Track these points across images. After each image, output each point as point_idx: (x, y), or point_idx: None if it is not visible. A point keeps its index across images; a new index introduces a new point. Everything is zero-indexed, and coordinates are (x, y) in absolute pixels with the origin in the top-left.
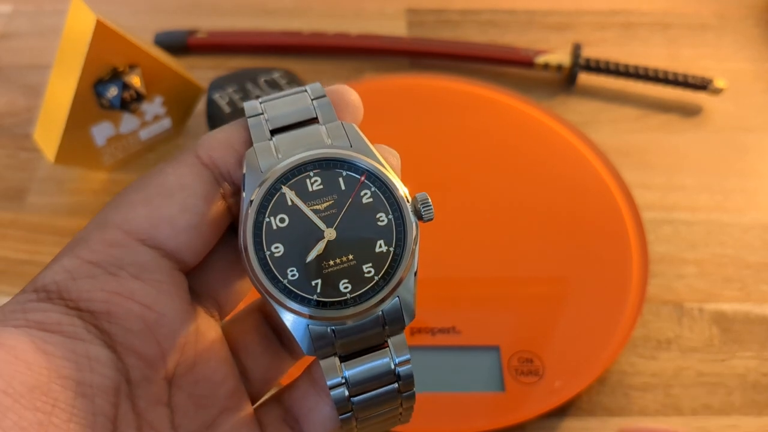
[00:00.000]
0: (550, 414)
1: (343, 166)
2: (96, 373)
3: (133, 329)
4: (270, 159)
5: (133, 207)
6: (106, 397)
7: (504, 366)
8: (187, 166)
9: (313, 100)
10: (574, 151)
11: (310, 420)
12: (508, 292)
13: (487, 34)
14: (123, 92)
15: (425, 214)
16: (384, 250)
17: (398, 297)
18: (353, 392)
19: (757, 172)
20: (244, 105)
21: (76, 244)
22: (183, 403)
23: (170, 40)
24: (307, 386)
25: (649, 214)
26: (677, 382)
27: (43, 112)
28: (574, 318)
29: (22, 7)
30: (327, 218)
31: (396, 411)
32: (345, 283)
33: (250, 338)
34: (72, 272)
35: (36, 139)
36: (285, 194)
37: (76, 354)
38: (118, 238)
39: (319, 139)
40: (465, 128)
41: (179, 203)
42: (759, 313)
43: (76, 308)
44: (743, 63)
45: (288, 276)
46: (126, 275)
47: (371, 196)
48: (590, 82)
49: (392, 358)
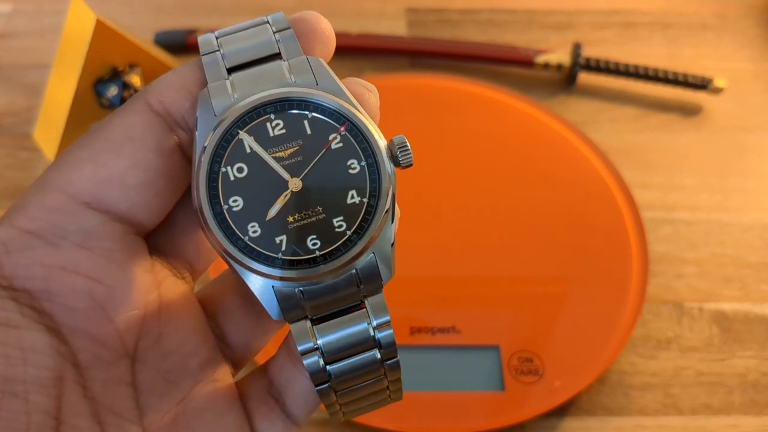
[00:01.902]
0: (550, 414)
1: (308, 107)
2: (31, 366)
3: (78, 307)
4: (225, 100)
5: (76, 166)
6: (45, 390)
7: (504, 365)
8: (136, 114)
9: (275, 32)
10: (574, 150)
11: (289, 393)
12: (508, 291)
13: (487, 34)
14: (123, 91)
15: (403, 160)
16: (356, 201)
17: (374, 253)
18: (328, 360)
19: (757, 172)
20: (198, 39)
21: (13, 210)
22: (149, 379)
23: (170, 39)
24: (284, 356)
25: (649, 214)
26: (677, 381)
27: (43, 111)
28: (574, 318)
29: (22, 6)
30: (291, 167)
31: (381, 384)
32: (313, 239)
33: (230, 300)
34: (6, 244)
35: (36, 138)
36: (243, 140)
37: (5, 346)
38: (59, 202)
39: (281, 77)
40: (465, 128)
41: (128, 158)
42: (759, 313)
43: (9, 287)
44: (743, 63)
45: (249, 232)
46: (69, 245)
47: (341, 141)
48: (590, 81)
49: (370, 322)
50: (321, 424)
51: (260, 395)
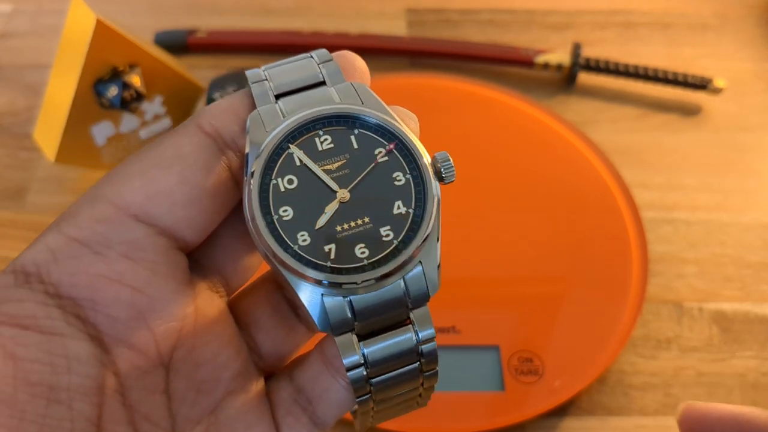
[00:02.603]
0: (549, 413)
1: (355, 123)
2: (75, 374)
3: (121, 317)
4: (275, 119)
5: (127, 180)
6: (87, 398)
7: (504, 365)
8: (187, 135)
9: (319, 64)
10: (574, 150)
11: (323, 402)
12: (508, 291)
13: (487, 34)
14: (123, 92)
15: (446, 175)
16: (402, 212)
17: (421, 264)
18: (372, 373)
19: (757, 171)
20: (246, 73)
21: (63, 219)
22: (182, 389)
23: (170, 39)
24: (319, 366)
25: (648, 214)
26: (677, 381)
27: (43, 111)
28: (573, 318)
29: (22, 6)
30: (339, 179)
31: (416, 392)
32: (361, 248)
33: (261, 311)
34: (55, 252)
35: (36, 138)
36: (293, 153)
37: (51, 354)
38: (108, 213)
39: (328, 99)
40: (465, 128)
41: (177, 175)
42: (759, 313)
43: (56, 294)
44: (743, 63)
45: (299, 241)
46: (115, 255)
47: (386, 155)
48: (590, 81)
49: (416, 335)
50: None
51: (287, 405)
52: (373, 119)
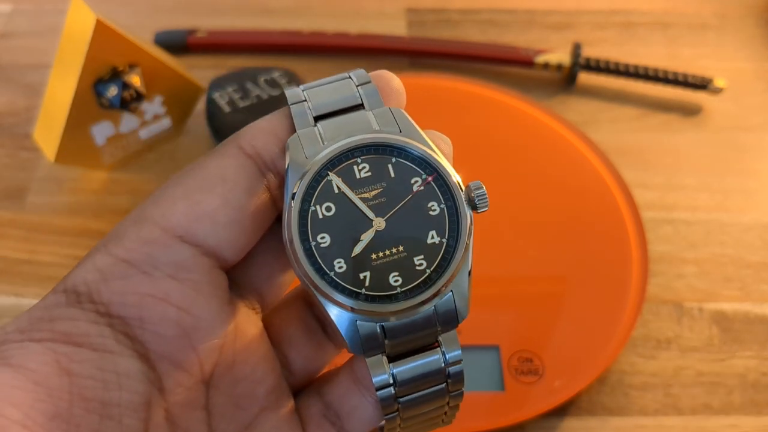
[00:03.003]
0: (550, 413)
1: (393, 152)
2: (125, 390)
3: (167, 335)
4: (315, 145)
5: (172, 202)
6: (136, 414)
7: (504, 365)
8: (229, 157)
9: (357, 86)
10: (574, 150)
11: (352, 419)
12: (507, 291)
13: (487, 34)
14: (123, 92)
15: (480, 204)
16: (436, 242)
17: (452, 292)
18: (400, 392)
19: (757, 172)
20: (285, 92)
21: (110, 239)
22: (221, 404)
23: (170, 39)
24: (349, 383)
25: (648, 214)
26: (677, 381)
27: (42, 111)
28: (574, 317)
29: (22, 6)
30: (376, 207)
31: (441, 410)
32: (395, 276)
33: (293, 328)
34: (104, 272)
35: (36, 138)
36: (331, 181)
37: (103, 371)
38: (155, 234)
39: (366, 125)
40: (465, 128)
41: (220, 197)
42: (759, 313)
43: (106, 314)
44: (743, 63)
45: (335, 268)
46: (161, 275)
47: (422, 184)
48: (590, 81)
49: (444, 357)
50: None
51: (317, 420)
52: (415, 151)
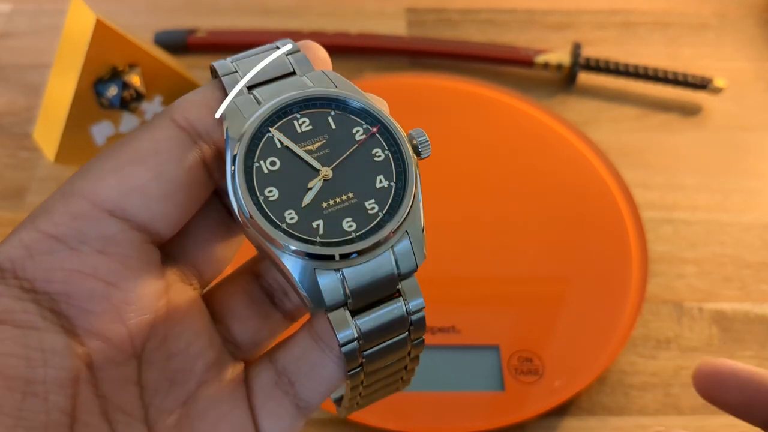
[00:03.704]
0: (549, 413)
1: (331, 105)
2: (50, 367)
3: (95, 310)
4: (252, 107)
5: (101, 175)
6: (62, 390)
7: (504, 365)
8: (162, 129)
9: (287, 55)
10: (574, 150)
11: (310, 380)
12: (507, 291)
13: (487, 34)
14: (123, 91)
15: (423, 150)
16: (385, 185)
17: (408, 235)
18: (364, 346)
19: (757, 172)
20: (213, 65)
21: (38, 214)
22: (154, 379)
23: (170, 39)
24: (307, 342)
25: (648, 214)
26: (677, 381)
27: (42, 111)
28: (573, 317)
29: (22, 6)
30: (321, 158)
31: (402, 363)
32: (349, 222)
33: (237, 301)
34: (30, 248)
35: (36, 138)
36: (273, 137)
37: (27, 348)
38: (83, 209)
39: (302, 86)
40: (465, 128)
41: (152, 170)
42: (759, 313)
43: (31, 290)
44: (743, 62)
45: (287, 219)
46: (89, 250)
47: (363, 133)
48: (590, 81)
49: (406, 305)
50: (321, 424)
51: (267, 389)
52: (354, 102)
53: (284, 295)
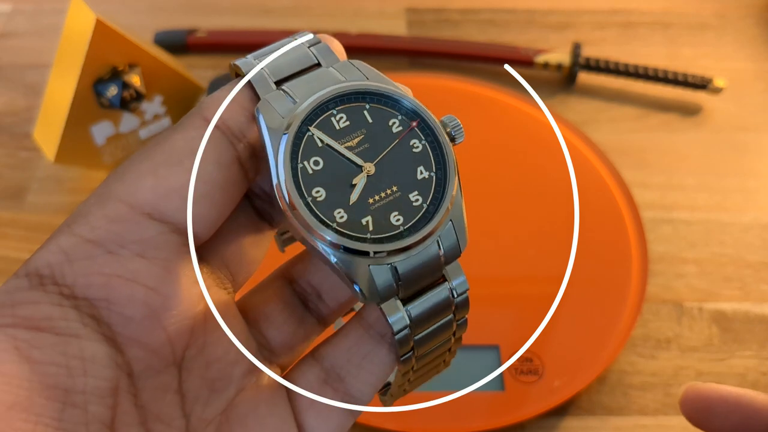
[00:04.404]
0: (549, 413)
1: (365, 98)
2: (90, 377)
3: (135, 317)
4: (286, 104)
5: (138, 177)
6: (102, 400)
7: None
8: (196, 129)
9: (309, 47)
10: (573, 150)
11: (363, 369)
12: (508, 291)
13: (487, 34)
14: (123, 91)
15: (456, 135)
16: (426, 176)
17: (451, 221)
18: (415, 331)
19: (757, 171)
20: (236, 63)
21: (75, 219)
22: (195, 388)
23: (170, 39)
24: (359, 334)
25: (648, 214)
26: (677, 381)
27: (42, 111)
28: (573, 317)
29: (22, 6)
30: (361, 153)
31: (447, 345)
32: (396, 215)
33: (272, 307)
34: (68, 253)
35: (36, 138)
36: (313, 136)
37: (67, 356)
38: (121, 212)
39: (333, 78)
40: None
41: (188, 171)
42: (758, 313)
43: (71, 296)
44: (743, 62)
45: (336, 219)
46: (128, 254)
47: (400, 124)
48: (590, 81)
49: (451, 288)
50: None
51: (315, 389)
52: (388, 93)
53: (318, 299)
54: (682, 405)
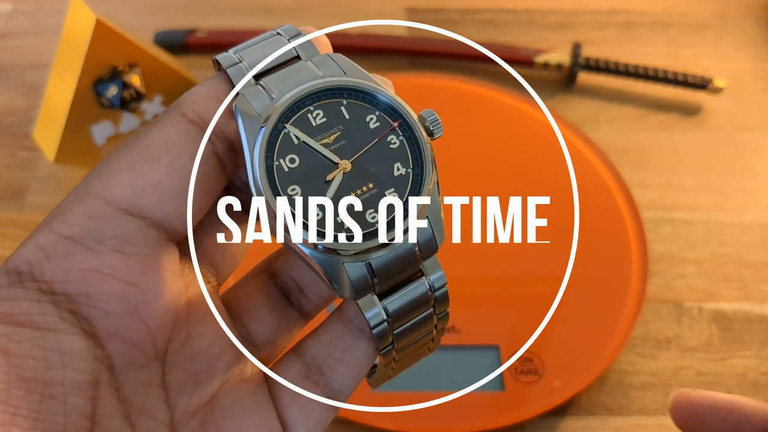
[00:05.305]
0: (549, 413)
1: (342, 94)
2: (69, 369)
3: (115, 311)
4: (263, 100)
5: (115, 174)
6: (81, 392)
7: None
8: (173, 124)
9: (289, 39)
10: (573, 150)
11: (343, 363)
12: (507, 291)
13: (487, 34)
14: (123, 91)
15: (435, 130)
16: (403, 173)
17: (428, 218)
18: (393, 325)
19: (757, 171)
20: (216, 58)
21: (53, 217)
22: (178, 381)
23: (170, 39)
24: (338, 329)
25: (648, 214)
26: (677, 381)
27: (42, 111)
28: (573, 317)
29: (22, 6)
30: (338, 150)
31: (430, 336)
32: (371, 213)
33: (255, 300)
34: (46, 250)
35: (36, 138)
36: (289, 133)
37: (45, 350)
38: (98, 208)
39: (310, 73)
40: (465, 128)
41: (165, 166)
42: (758, 313)
43: (50, 291)
44: (743, 62)
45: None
46: (106, 250)
47: (377, 120)
48: (590, 81)
49: (429, 283)
50: None
51: (297, 383)
52: (364, 89)
53: (300, 293)
54: (672, 412)
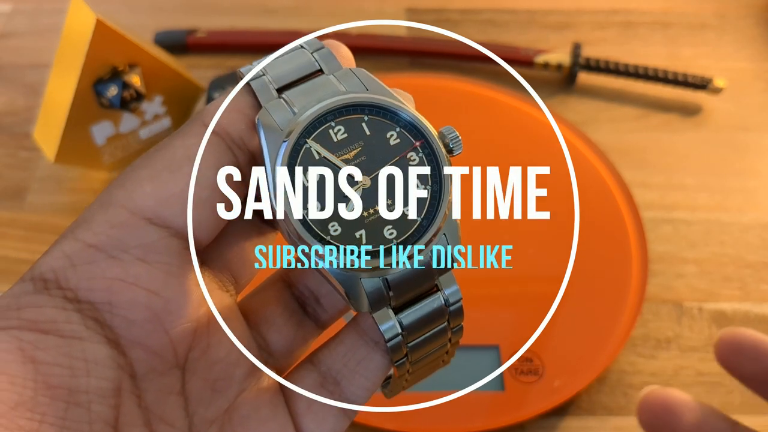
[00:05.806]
0: (549, 413)
1: (364, 110)
2: (93, 377)
3: (138, 320)
4: (286, 115)
5: (138, 183)
6: (105, 400)
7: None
8: (196, 135)
9: (312, 53)
10: (573, 150)
11: (358, 374)
12: (507, 291)
13: (487, 34)
14: (123, 91)
15: (455, 147)
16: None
17: (445, 236)
18: (408, 338)
19: (757, 171)
20: (240, 70)
21: (78, 225)
22: (198, 389)
23: (170, 39)
24: (354, 339)
25: (648, 214)
26: (677, 381)
27: (42, 111)
28: (573, 317)
29: (22, 6)
30: (358, 166)
31: (444, 349)
32: (389, 229)
33: (272, 310)
34: (71, 258)
35: (36, 138)
36: (311, 148)
37: (71, 358)
38: (122, 217)
39: (332, 88)
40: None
41: (188, 176)
42: (758, 313)
43: (75, 299)
44: (743, 62)
45: (330, 232)
46: (130, 258)
47: (398, 137)
48: (590, 81)
49: (444, 297)
50: None
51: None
52: (386, 106)
53: (316, 303)
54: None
